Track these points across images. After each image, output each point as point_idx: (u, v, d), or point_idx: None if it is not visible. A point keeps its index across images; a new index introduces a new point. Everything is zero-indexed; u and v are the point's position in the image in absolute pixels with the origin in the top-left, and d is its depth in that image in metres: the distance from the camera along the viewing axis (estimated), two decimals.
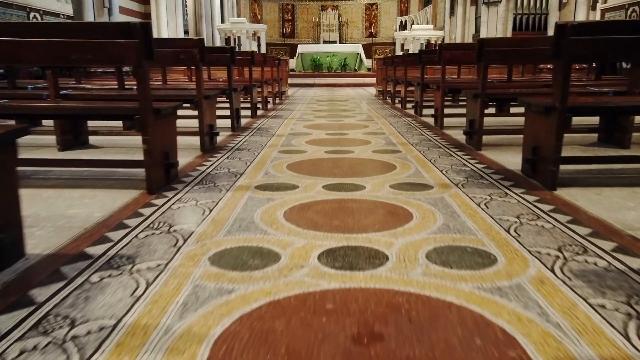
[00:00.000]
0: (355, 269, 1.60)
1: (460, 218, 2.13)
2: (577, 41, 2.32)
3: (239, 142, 4.33)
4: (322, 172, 3.09)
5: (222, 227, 2.02)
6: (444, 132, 4.86)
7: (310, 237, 1.90)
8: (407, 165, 3.27)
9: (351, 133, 4.84)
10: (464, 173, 3.04)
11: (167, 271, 1.59)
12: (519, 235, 1.90)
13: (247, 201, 2.42)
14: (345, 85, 15.45)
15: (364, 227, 2.01)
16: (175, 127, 2.90)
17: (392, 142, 4.31)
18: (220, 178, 2.93)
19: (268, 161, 3.45)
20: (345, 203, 2.39)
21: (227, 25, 16.80)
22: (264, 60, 7.24)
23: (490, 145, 3.98)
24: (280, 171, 3.11)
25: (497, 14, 14.15)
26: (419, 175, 2.98)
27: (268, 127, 5.36)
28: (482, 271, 1.58)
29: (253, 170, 3.15)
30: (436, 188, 2.67)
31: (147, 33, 2.33)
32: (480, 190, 2.60)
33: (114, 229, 1.99)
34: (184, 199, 2.45)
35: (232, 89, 4.97)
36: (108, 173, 3.00)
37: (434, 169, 3.17)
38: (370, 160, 3.49)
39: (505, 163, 3.33)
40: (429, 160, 3.44)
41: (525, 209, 2.26)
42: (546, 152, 2.62)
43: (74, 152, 3.79)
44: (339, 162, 3.39)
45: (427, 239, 1.87)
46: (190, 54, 3.50)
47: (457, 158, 3.53)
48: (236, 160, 3.50)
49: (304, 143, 4.24)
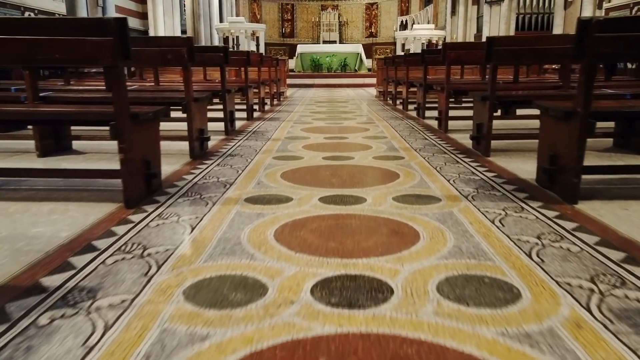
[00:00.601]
0: (354, 307, 1.35)
1: (474, 238, 1.88)
2: (603, 39, 2.07)
3: (232, 147, 4.09)
4: (319, 181, 2.84)
5: (203, 250, 1.78)
6: (448, 136, 4.62)
7: (303, 264, 1.65)
8: (411, 174, 3.02)
9: (351, 137, 4.60)
10: (473, 183, 2.79)
11: (132, 309, 1.34)
12: (542, 262, 1.65)
13: (235, 217, 2.17)
14: (345, 85, 15.20)
15: (365, 251, 1.76)
16: (158, 133, 2.66)
17: (394, 147, 4.06)
18: (207, 189, 2.69)
19: (261, 169, 3.20)
20: (343, 219, 2.14)
21: (225, 25, 16.55)
22: (261, 60, 6.99)
23: (498, 150, 3.73)
24: (274, 180, 2.86)
25: (500, 13, 13.90)
26: (424, 186, 2.73)
27: (264, 131, 5.11)
28: (505, 310, 1.33)
29: (244, 180, 2.90)
30: (444, 201, 2.42)
31: (122, 30, 2.08)
32: (492, 204, 2.35)
33: (80, 253, 1.75)
34: (165, 214, 2.21)
35: (226, 91, 4.72)
36: (85, 183, 2.76)
37: (440, 178, 2.93)
38: (371, 168, 3.24)
39: (517, 171, 3.08)
40: (434, 168, 3.20)
41: (545, 226, 2.01)
42: (566, 162, 2.37)
43: (54, 158, 3.54)
44: (338, 170, 3.15)
45: (438, 265, 1.63)
46: (178, 53, 3.26)
47: (465, 165, 3.29)
48: (227, 167, 3.25)
49: (300, 148, 4.00)
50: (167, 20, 14.16)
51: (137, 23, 17.59)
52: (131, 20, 17.58)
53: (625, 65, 9.48)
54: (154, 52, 3.29)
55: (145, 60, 3.43)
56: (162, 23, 13.90)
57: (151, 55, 3.31)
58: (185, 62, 3.31)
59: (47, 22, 2.15)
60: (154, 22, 13.89)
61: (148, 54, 3.30)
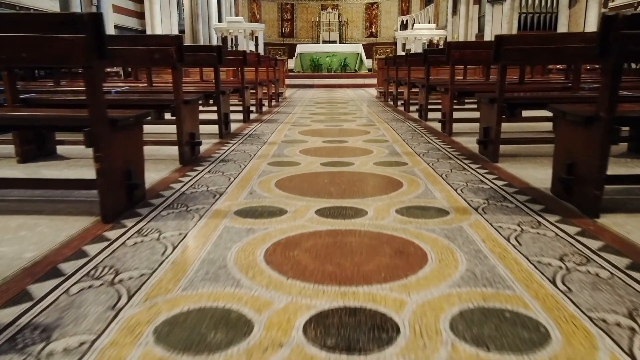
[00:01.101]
0: (354, 351, 1.15)
1: (488, 260, 1.68)
2: (630, 36, 1.87)
3: (225, 151, 3.88)
4: (316, 190, 2.63)
5: (183, 275, 1.57)
6: (453, 140, 4.41)
7: (296, 292, 1.44)
8: (415, 182, 2.81)
9: (351, 140, 4.39)
10: (483, 193, 2.58)
11: (90, 354, 1.14)
12: (569, 290, 1.44)
13: (222, 233, 1.96)
14: (345, 86, 15.00)
15: (366, 276, 1.56)
16: (141, 139, 2.45)
17: (397, 151, 3.85)
18: (195, 199, 2.48)
19: (255, 176, 3.00)
20: (342, 237, 1.93)
21: (224, 24, 16.33)
22: (258, 60, 6.79)
23: (506, 156, 3.52)
24: (268, 190, 2.65)
25: (502, 13, 13.68)
26: (430, 196, 2.52)
27: (260, 134, 4.90)
28: (533, 356, 1.12)
29: (236, 189, 2.69)
30: (452, 214, 2.21)
31: (97, 26, 1.87)
32: (506, 218, 2.14)
33: (42, 279, 1.54)
34: (145, 231, 2.00)
35: (220, 92, 4.51)
36: (63, 193, 2.55)
37: (446, 186, 2.72)
38: (373, 175, 3.04)
39: (529, 179, 2.87)
40: (439, 175, 2.99)
41: (567, 245, 1.81)
42: (586, 171, 2.17)
43: (35, 164, 3.33)
44: (337, 178, 2.94)
45: (450, 295, 1.42)
46: (166, 53, 3.05)
47: (472, 172, 3.08)
48: (218, 175, 3.05)
49: (297, 153, 3.79)
50: (165, 19, 13.95)
51: (135, 23, 17.38)
52: (129, 20, 17.39)
53: (630, 65, 9.26)
54: (141, 51, 3.08)
55: (132, 60, 3.23)
56: (159, 22, 13.70)
57: (138, 55, 3.10)
58: (174, 62, 3.10)
59: (13, 17, 1.94)
60: (151, 22, 13.69)
61: (135, 54, 3.09)
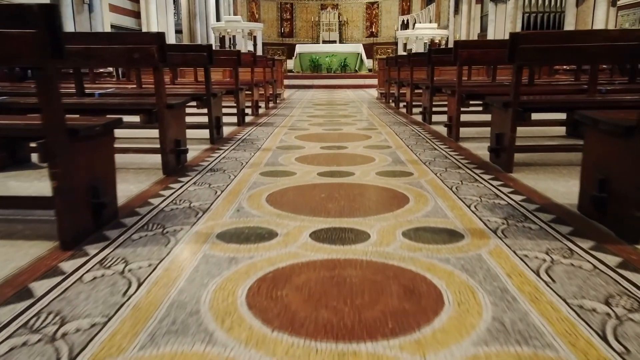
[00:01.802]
0: None
1: (518, 304, 1.38)
2: None
3: (215, 159, 3.58)
4: (312, 207, 2.34)
5: (144, 326, 1.27)
6: (460, 146, 4.11)
7: (282, 353, 1.15)
8: (423, 197, 2.52)
9: (351, 146, 4.10)
10: (500, 210, 2.28)
11: None
12: (627, 352, 1.15)
13: (200, 265, 1.67)
14: (345, 86, 14.70)
15: (370, 327, 1.26)
16: (111, 150, 2.15)
17: (401, 159, 3.55)
18: (174, 218, 2.18)
19: (244, 189, 2.70)
20: (341, 269, 1.63)
21: (221, 24, 16.04)
22: (254, 60, 6.49)
23: (520, 164, 3.22)
24: (257, 206, 2.36)
25: (506, 12, 13.38)
26: (440, 214, 2.23)
27: (254, 139, 4.61)
28: None
29: (222, 205, 2.40)
30: (468, 238, 1.92)
31: (50, 20, 1.58)
32: (531, 244, 1.85)
33: None
34: (109, 260, 1.70)
35: (211, 95, 4.22)
36: (25, 211, 2.25)
37: (458, 202, 2.42)
38: (375, 188, 2.74)
39: (549, 193, 2.58)
40: (449, 189, 2.69)
41: (611, 282, 1.51)
42: (623, 189, 1.87)
43: (3, 174, 3.04)
44: (335, 191, 2.65)
45: (477, 358, 1.12)
46: (146, 52, 2.75)
47: (485, 185, 2.78)
48: (204, 187, 2.75)
49: (293, 161, 3.49)
50: (161, 18, 13.66)
51: (133, 22, 17.08)
52: (126, 19, 17.09)
53: None
54: (119, 50, 2.79)
55: (109, 60, 2.93)
56: (155, 21, 13.41)
57: (115, 54, 2.80)
58: (155, 63, 2.80)
59: None
60: (146, 21, 13.40)
61: (111, 53, 2.79)
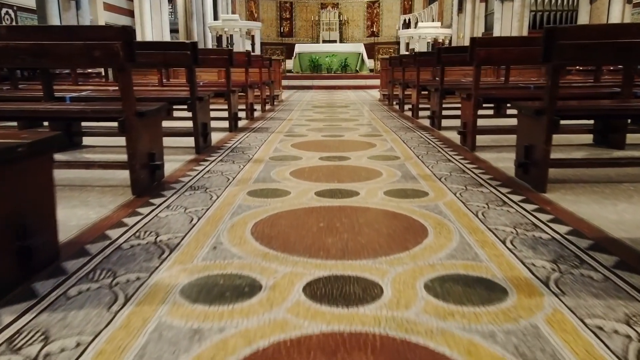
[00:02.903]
0: None
1: None
2: None
3: (198, 174, 3.11)
4: (306, 243, 1.87)
5: None
6: (477, 157, 3.64)
7: None
8: (445, 228, 2.04)
9: (353, 157, 3.62)
10: (545, 249, 1.81)
11: None
12: None
13: (148, 344, 1.20)
14: (346, 87, 14.24)
15: None
16: (48, 175, 1.68)
17: (411, 173, 3.08)
18: (131, 262, 1.71)
19: (227, 215, 2.23)
20: (345, 353, 1.16)
21: (218, 23, 15.56)
22: (248, 60, 6.02)
23: (552, 181, 2.74)
24: (239, 242, 1.89)
25: (512, 10, 12.90)
26: (470, 255, 1.75)
27: (246, 147, 4.13)
28: None
29: (196, 239, 1.93)
30: (513, 295, 1.44)
31: None
32: (601, 306, 1.37)
33: None
34: (22, 337, 1.23)
35: (196, 98, 3.74)
36: None
37: (489, 236, 1.95)
38: (385, 215, 2.27)
39: (599, 222, 2.09)
40: (474, 215, 2.22)
41: None
42: None
43: None
44: (336, 218, 2.17)
45: None
46: (109, 50, 2.28)
47: (518, 210, 2.30)
48: (178, 213, 2.28)
49: (287, 176, 3.02)
50: (155, 17, 13.19)
51: (129, 22, 16.61)
52: (122, 18, 16.62)
53: None
54: (76, 47, 2.31)
55: (65, 59, 2.45)
56: (149, 20, 12.93)
57: (71, 53, 2.33)
58: (120, 62, 2.33)
59: None
60: (140, 19, 12.92)
61: (66, 51, 2.32)
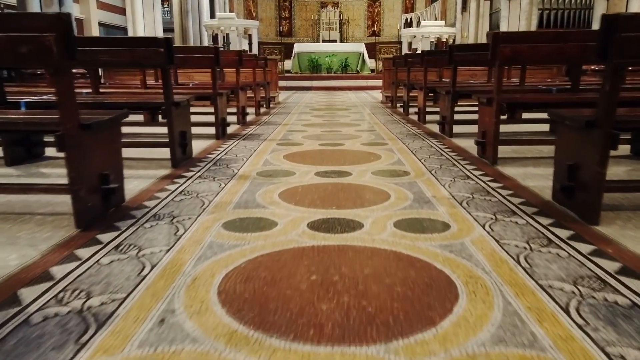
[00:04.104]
0: None
1: None
2: None
3: (168, 196, 2.57)
4: (292, 311, 1.33)
5: None
6: (500, 172, 3.10)
7: None
8: (480, 283, 1.51)
9: (356, 172, 3.09)
10: (630, 325, 1.28)
11: None
12: None
13: None
14: (346, 88, 13.69)
15: None
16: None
17: (426, 196, 2.55)
18: (33, 351, 1.18)
19: (190, 261, 1.70)
20: None
21: (214, 21, 15.01)
22: (240, 60, 5.49)
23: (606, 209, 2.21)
24: (198, 310, 1.35)
25: (520, 8, 12.37)
26: (523, 334, 1.22)
27: (231, 159, 3.60)
28: None
29: (139, 303, 1.39)
30: None
31: None
32: None
33: None
34: None
35: (172, 104, 3.21)
36: None
37: (545, 300, 1.41)
38: (398, 263, 1.72)
39: None
40: (516, 261, 1.68)
41: None
42: None
43: None
44: (334, 267, 1.64)
45: None
46: (39, 45, 1.75)
47: (571, 253, 1.77)
48: (127, 258, 1.74)
49: (275, 199, 2.49)
50: (147, 15, 12.66)
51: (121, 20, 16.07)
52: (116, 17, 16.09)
53: None
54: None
55: None
56: (141, 18, 12.40)
57: None
58: (54, 61, 1.80)
59: None
60: (132, 17, 12.39)
61: None
